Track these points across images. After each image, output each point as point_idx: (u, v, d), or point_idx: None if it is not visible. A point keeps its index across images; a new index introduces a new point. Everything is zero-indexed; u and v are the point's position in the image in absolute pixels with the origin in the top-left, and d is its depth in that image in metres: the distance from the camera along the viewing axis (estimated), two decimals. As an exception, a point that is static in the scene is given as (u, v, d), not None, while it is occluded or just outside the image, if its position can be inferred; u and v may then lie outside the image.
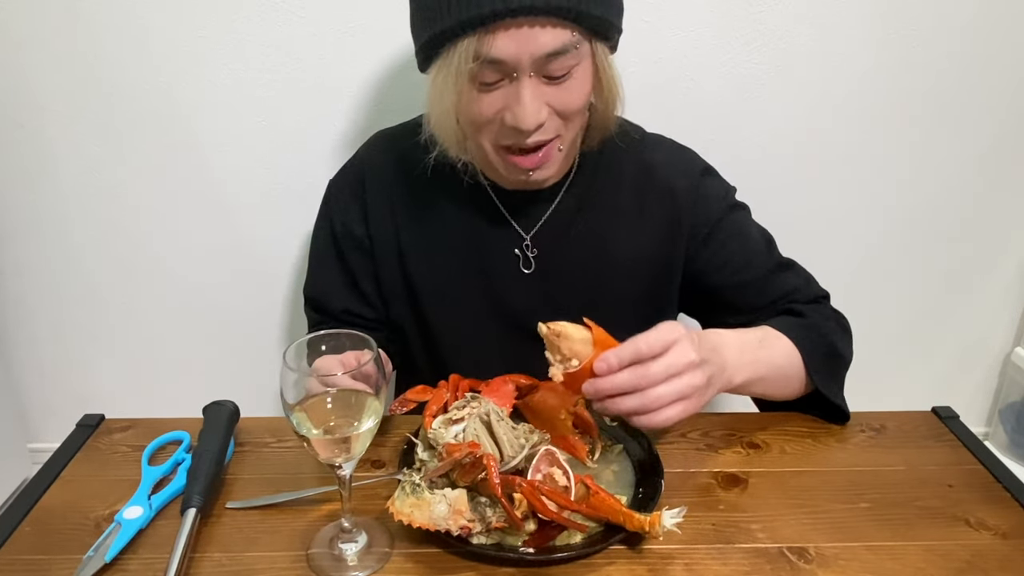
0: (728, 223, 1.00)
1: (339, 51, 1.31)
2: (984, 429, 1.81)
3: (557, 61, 0.79)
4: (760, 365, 0.86)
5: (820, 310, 0.98)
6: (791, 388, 0.91)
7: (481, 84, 0.81)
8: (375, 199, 1.01)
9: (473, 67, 0.78)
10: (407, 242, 1.01)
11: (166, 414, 0.91)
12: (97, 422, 0.91)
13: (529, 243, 0.99)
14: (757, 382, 0.87)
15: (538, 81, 0.81)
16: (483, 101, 0.82)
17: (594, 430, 0.84)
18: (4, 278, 1.52)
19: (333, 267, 1.04)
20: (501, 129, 0.84)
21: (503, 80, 0.81)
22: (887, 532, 0.74)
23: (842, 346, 0.95)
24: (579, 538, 0.71)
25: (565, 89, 0.82)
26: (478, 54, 0.77)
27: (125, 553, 0.71)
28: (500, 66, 0.79)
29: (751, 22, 1.32)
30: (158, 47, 1.31)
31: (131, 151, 1.39)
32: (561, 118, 0.85)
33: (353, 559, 0.70)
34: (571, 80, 0.82)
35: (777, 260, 1.02)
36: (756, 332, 0.90)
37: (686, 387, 0.74)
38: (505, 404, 0.85)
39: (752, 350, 0.86)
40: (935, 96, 1.41)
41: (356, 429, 0.66)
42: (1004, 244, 1.58)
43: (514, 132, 0.83)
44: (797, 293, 1.00)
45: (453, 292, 1.01)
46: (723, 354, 0.82)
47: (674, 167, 1.00)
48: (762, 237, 1.03)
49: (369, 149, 1.05)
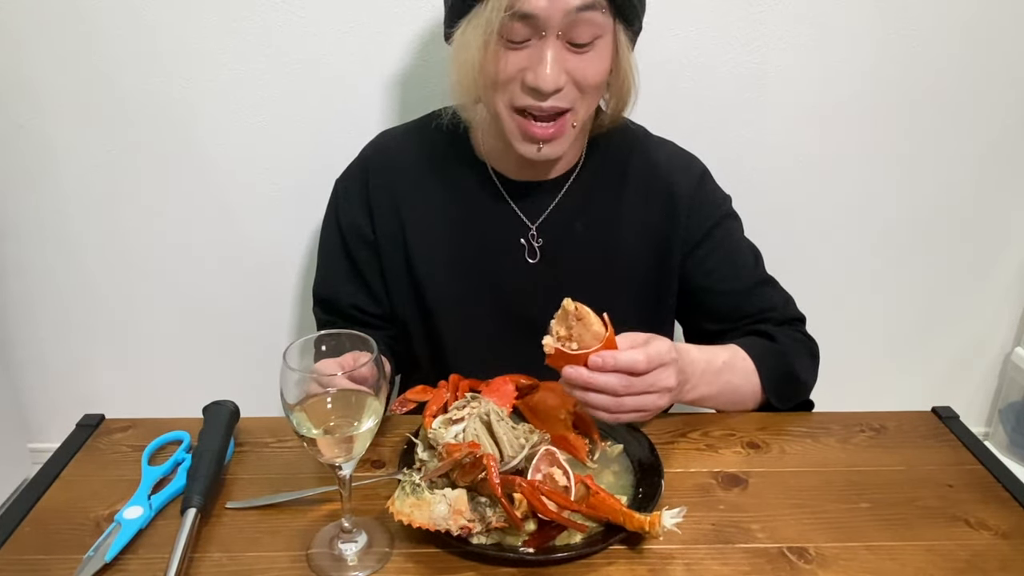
0: (721, 231, 1.02)
1: (340, 51, 1.31)
2: (984, 429, 1.81)
3: (584, 23, 0.82)
4: (715, 387, 0.91)
5: (791, 334, 1.01)
6: (742, 407, 0.95)
7: (508, 41, 0.83)
8: (380, 196, 1.02)
9: (504, 18, 0.80)
10: (413, 237, 1.02)
11: (166, 414, 0.91)
12: (97, 422, 0.91)
13: (535, 232, 1.00)
14: (708, 399, 0.92)
15: (562, 46, 0.83)
16: (507, 58, 0.84)
17: (594, 430, 0.84)
18: (4, 278, 1.52)
19: (341, 264, 1.05)
20: (520, 89, 0.86)
21: (530, 40, 0.83)
22: (887, 532, 0.74)
23: (804, 373, 0.98)
24: (579, 538, 0.71)
25: (586, 60, 0.85)
26: (511, 6, 0.80)
27: (125, 553, 0.71)
28: (530, 21, 0.81)
29: (751, 22, 1.32)
30: (159, 47, 1.31)
31: (131, 151, 1.39)
32: (579, 90, 0.87)
33: (353, 559, 0.70)
34: (592, 52, 0.85)
35: (762, 276, 1.05)
36: (724, 353, 0.93)
37: (652, 405, 0.79)
38: (505, 404, 0.85)
39: (715, 372, 0.90)
40: (935, 96, 1.41)
41: (356, 429, 0.66)
42: (1004, 244, 1.58)
43: (533, 92, 0.85)
44: (774, 312, 1.02)
45: (457, 283, 1.02)
46: (687, 372, 0.85)
47: (675, 168, 1.03)
48: (750, 251, 1.06)
49: (375, 148, 1.07)
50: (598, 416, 0.79)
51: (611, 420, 0.80)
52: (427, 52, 1.31)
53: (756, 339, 0.99)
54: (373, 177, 1.03)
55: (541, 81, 0.83)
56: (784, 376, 0.96)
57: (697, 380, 0.88)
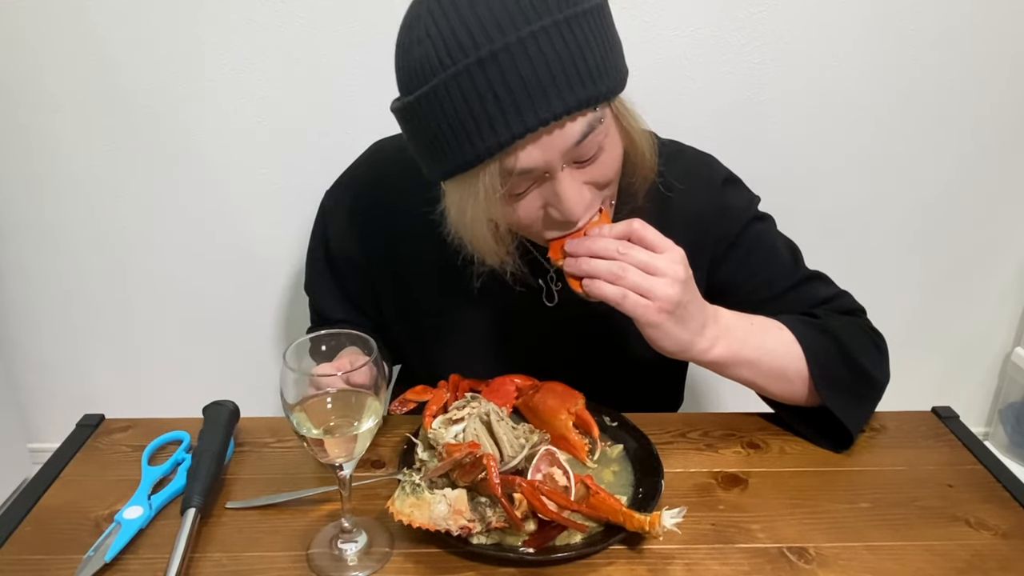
0: (749, 235, 0.93)
1: (340, 51, 1.31)
2: (984, 429, 1.81)
3: (585, 144, 0.72)
4: (746, 346, 0.82)
5: (845, 318, 0.90)
6: (791, 387, 0.85)
7: (513, 195, 0.74)
8: (372, 221, 0.95)
9: (500, 185, 0.71)
10: (410, 269, 0.95)
11: (166, 414, 0.91)
12: (97, 422, 0.90)
13: (554, 275, 0.92)
14: (744, 364, 0.82)
15: (571, 170, 0.74)
16: (520, 208, 0.76)
17: (594, 430, 0.84)
18: (4, 278, 1.52)
19: (329, 283, 1.01)
20: (547, 223, 0.77)
21: (534, 183, 0.74)
22: (887, 532, 0.74)
23: (864, 358, 0.86)
24: (579, 538, 0.71)
25: (599, 164, 0.76)
26: (505, 171, 0.70)
27: (125, 553, 0.70)
28: (530, 174, 0.72)
29: (751, 22, 1.32)
30: (159, 48, 1.31)
31: (131, 151, 1.39)
32: (602, 188, 0.78)
33: (353, 559, 0.70)
34: (603, 154, 0.75)
35: (804, 272, 0.95)
36: (756, 318, 0.85)
37: (659, 291, 0.73)
38: (505, 404, 0.85)
39: (744, 329, 0.83)
40: (935, 96, 1.41)
41: (356, 429, 0.66)
42: (1004, 244, 1.58)
43: (563, 224, 0.77)
44: (825, 305, 0.92)
45: (462, 329, 0.95)
46: (707, 315, 0.79)
47: (694, 187, 0.92)
48: (788, 248, 0.96)
49: (368, 164, 0.98)
50: (601, 291, 0.73)
51: (619, 301, 0.73)
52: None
53: (797, 316, 0.87)
54: (365, 198, 0.95)
55: (570, 215, 0.74)
56: (834, 357, 0.84)
57: (721, 332, 0.80)
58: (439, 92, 0.67)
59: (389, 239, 0.95)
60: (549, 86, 0.66)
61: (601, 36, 0.70)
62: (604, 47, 0.70)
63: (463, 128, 0.68)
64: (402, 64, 0.71)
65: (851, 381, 0.85)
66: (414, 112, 0.71)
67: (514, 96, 0.66)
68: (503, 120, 0.67)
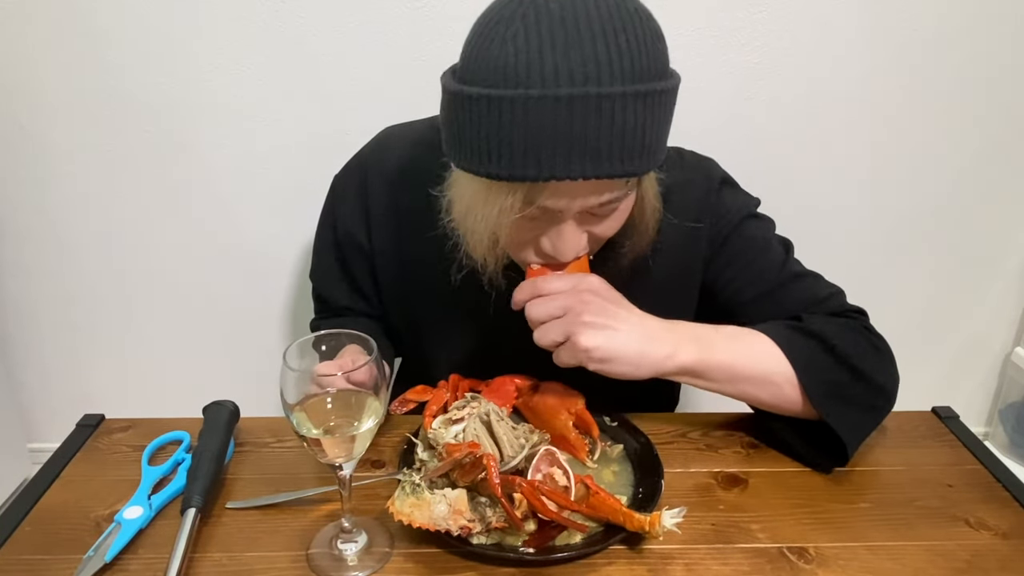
0: (741, 233, 0.92)
1: (339, 50, 1.31)
2: (984, 429, 1.81)
3: (608, 205, 0.75)
4: (718, 349, 0.80)
5: (837, 319, 0.87)
6: (781, 392, 0.82)
7: (523, 217, 0.75)
8: (379, 204, 0.95)
9: (519, 210, 0.72)
10: (412, 257, 0.96)
11: (166, 414, 0.91)
12: (97, 422, 0.90)
13: None
14: (720, 371, 0.80)
15: (581, 216, 0.76)
16: (523, 227, 0.77)
17: (594, 430, 0.84)
18: (4, 278, 1.52)
19: (334, 267, 1.02)
20: (536, 249, 0.79)
21: (542, 214, 0.75)
22: (887, 532, 0.74)
23: (861, 361, 0.82)
24: (579, 538, 0.71)
25: (607, 221, 0.78)
26: (527, 200, 0.72)
27: (125, 553, 0.70)
28: (547, 211, 0.74)
29: (751, 22, 1.32)
30: (159, 48, 1.31)
31: (131, 151, 1.39)
32: (599, 240, 0.81)
33: (353, 559, 0.70)
34: (614, 214, 0.78)
35: (795, 269, 0.93)
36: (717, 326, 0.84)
37: (567, 330, 0.75)
38: (505, 404, 0.85)
39: (708, 332, 0.82)
40: (935, 96, 1.41)
41: (356, 429, 0.66)
42: (1004, 244, 1.58)
43: (549, 256, 0.79)
44: (817, 306, 0.89)
45: (459, 324, 0.97)
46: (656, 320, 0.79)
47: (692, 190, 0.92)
48: (781, 245, 0.94)
49: (376, 148, 0.98)
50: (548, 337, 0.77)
51: (538, 339, 0.77)
52: (430, 49, 1.31)
53: (771, 322, 0.85)
54: (372, 182, 0.95)
55: (560, 255, 0.77)
56: (821, 357, 0.81)
57: (681, 338, 0.79)
58: (504, 103, 0.67)
59: (393, 225, 0.96)
60: (605, 148, 0.67)
61: (665, 117, 0.72)
62: (664, 128, 0.72)
63: (510, 145, 0.68)
64: (475, 51, 0.70)
65: (848, 383, 0.82)
66: (471, 104, 0.69)
67: (571, 144, 0.66)
68: (551, 161, 0.67)
